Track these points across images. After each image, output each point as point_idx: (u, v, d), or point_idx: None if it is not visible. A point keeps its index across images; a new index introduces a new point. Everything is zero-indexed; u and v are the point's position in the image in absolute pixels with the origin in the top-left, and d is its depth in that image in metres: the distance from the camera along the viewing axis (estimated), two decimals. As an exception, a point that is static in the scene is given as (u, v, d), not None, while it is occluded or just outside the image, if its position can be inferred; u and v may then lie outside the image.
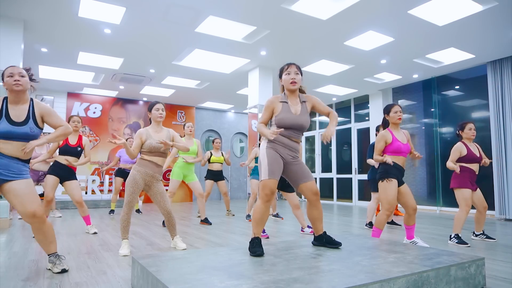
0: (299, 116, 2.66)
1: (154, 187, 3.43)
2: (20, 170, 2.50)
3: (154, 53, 6.77)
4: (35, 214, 2.48)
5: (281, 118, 2.63)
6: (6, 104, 2.50)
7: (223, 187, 6.51)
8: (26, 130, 2.48)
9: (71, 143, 4.39)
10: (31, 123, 2.53)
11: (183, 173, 5.33)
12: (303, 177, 2.68)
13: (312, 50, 6.61)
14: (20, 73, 2.53)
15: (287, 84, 2.70)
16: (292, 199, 4.62)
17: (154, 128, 3.45)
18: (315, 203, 2.73)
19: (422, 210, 8.03)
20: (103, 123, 9.98)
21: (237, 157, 12.34)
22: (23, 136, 2.47)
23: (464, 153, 3.97)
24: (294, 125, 2.64)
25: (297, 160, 2.71)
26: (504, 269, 2.88)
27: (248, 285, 1.79)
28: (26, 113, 2.53)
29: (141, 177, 3.35)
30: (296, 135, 2.69)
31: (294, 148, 2.69)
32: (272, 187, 2.58)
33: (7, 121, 2.43)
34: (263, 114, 2.70)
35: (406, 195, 3.51)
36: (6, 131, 2.41)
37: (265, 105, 2.70)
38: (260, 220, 2.61)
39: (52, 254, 2.70)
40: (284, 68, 2.74)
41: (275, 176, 2.59)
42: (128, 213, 3.34)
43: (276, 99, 2.70)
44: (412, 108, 8.87)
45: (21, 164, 2.51)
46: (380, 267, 2.12)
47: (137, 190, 3.34)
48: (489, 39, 5.96)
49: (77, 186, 4.43)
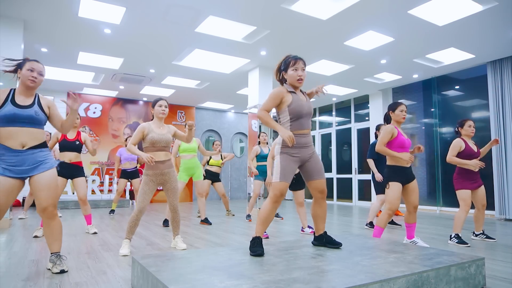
0: (307, 103, 2.70)
1: (168, 183, 3.46)
2: (36, 160, 2.53)
3: (154, 53, 6.78)
4: (46, 209, 2.56)
5: (294, 107, 2.60)
6: (13, 93, 2.55)
7: (220, 188, 6.52)
8: (31, 112, 2.52)
9: (69, 137, 4.41)
10: (36, 107, 2.57)
11: (189, 174, 5.39)
12: (314, 174, 2.68)
13: (312, 50, 6.61)
14: (40, 72, 2.61)
15: (293, 80, 2.65)
16: (298, 196, 4.67)
17: (156, 124, 3.47)
18: (320, 201, 2.74)
19: (422, 210, 8.03)
20: (103, 123, 9.98)
21: (237, 157, 12.34)
22: (28, 118, 2.50)
23: (463, 148, 4.00)
24: (306, 113, 2.65)
25: (313, 155, 2.70)
26: (504, 269, 2.88)
27: (248, 285, 1.79)
28: (31, 100, 2.59)
29: (151, 180, 3.37)
30: (307, 124, 2.69)
31: (308, 143, 2.69)
32: (282, 190, 2.59)
33: (12, 105, 2.48)
34: (269, 102, 2.62)
35: (411, 192, 3.52)
36: (12, 113, 2.44)
37: (272, 94, 2.63)
38: (266, 219, 2.61)
39: (54, 253, 2.70)
40: (291, 62, 2.65)
41: (287, 179, 2.60)
42: (138, 214, 3.34)
43: (284, 89, 2.67)
44: (412, 108, 8.87)
45: (36, 152, 2.54)
46: (380, 267, 2.12)
47: (148, 192, 3.36)
48: (489, 39, 5.96)
49: (83, 183, 4.45)
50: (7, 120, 2.44)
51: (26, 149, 2.49)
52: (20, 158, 2.46)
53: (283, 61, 2.72)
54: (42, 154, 2.57)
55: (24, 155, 2.48)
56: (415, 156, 8.65)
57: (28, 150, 2.50)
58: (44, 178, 2.54)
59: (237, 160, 12.26)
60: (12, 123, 2.45)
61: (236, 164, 12.22)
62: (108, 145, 9.93)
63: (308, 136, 2.70)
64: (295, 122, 2.62)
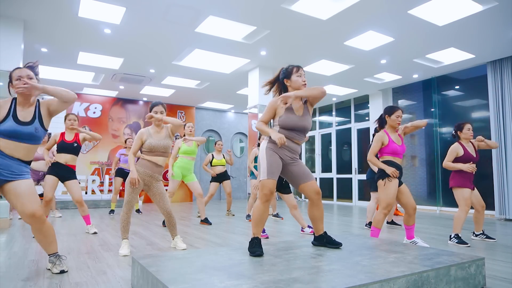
0: (302, 118, 2.68)
1: (154, 187, 3.43)
2: (21, 170, 2.51)
3: (154, 53, 6.78)
4: (34, 214, 2.48)
5: (284, 119, 2.65)
6: (15, 105, 2.52)
7: (228, 187, 6.54)
8: (31, 130, 2.50)
9: (67, 139, 4.40)
10: (37, 123, 2.54)
11: (182, 173, 5.34)
12: (304, 177, 2.69)
13: (312, 50, 6.61)
14: (28, 76, 2.53)
15: (299, 85, 2.70)
16: (289, 200, 4.61)
17: (155, 129, 3.46)
18: (316, 203, 2.73)
19: (422, 210, 8.03)
20: (103, 123, 9.97)
21: (237, 157, 12.35)
22: (28, 136, 2.49)
23: (461, 154, 3.98)
24: (297, 127, 2.66)
25: (296, 161, 2.72)
26: (504, 269, 2.88)
27: (248, 285, 1.79)
28: (32, 114, 2.55)
29: (140, 177, 3.35)
30: (298, 136, 2.70)
31: (294, 149, 2.71)
32: (271, 187, 2.59)
33: (14, 121, 2.46)
34: (265, 114, 2.72)
35: (406, 194, 3.53)
36: (12, 129, 2.43)
37: (268, 105, 2.71)
38: (260, 220, 2.61)
39: (52, 254, 2.70)
40: (294, 70, 2.73)
41: (274, 176, 2.61)
42: (127, 212, 3.34)
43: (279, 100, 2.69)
44: (412, 108, 8.87)
45: (22, 165, 2.52)
46: (380, 267, 2.12)
47: (136, 190, 3.34)
48: (489, 39, 5.96)
49: (77, 186, 4.44)
50: (7, 135, 2.43)
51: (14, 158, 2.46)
52: (3, 162, 2.43)
53: (282, 70, 2.80)
54: (24, 169, 2.53)
55: (9, 161, 2.44)
56: (416, 156, 8.66)
57: (15, 159, 2.47)
58: (22, 184, 2.48)
59: (237, 160, 12.27)
60: (12, 138, 2.44)
61: (236, 164, 12.22)
62: (108, 145, 9.92)
63: (296, 145, 2.71)
64: (285, 131, 2.66)
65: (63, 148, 4.38)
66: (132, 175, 3.27)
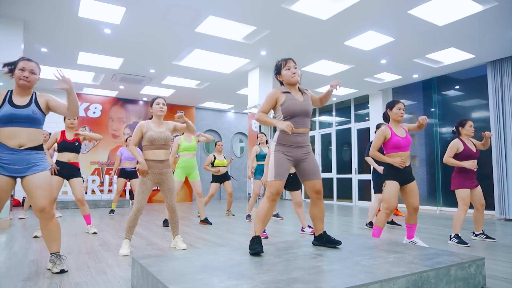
0: (303, 102, 2.70)
1: (164, 183, 3.46)
2: (34, 159, 2.54)
3: (154, 53, 6.78)
4: (44, 209, 2.55)
5: (287, 105, 2.64)
6: (10, 94, 2.57)
7: (229, 187, 6.54)
8: (29, 112, 2.52)
9: (68, 138, 4.40)
10: (34, 106, 2.58)
11: (185, 173, 5.34)
12: (309, 174, 2.70)
13: (312, 50, 6.61)
14: (32, 70, 2.59)
15: (288, 78, 2.72)
16: (295, 196, 4.67)
17: (155, 122, 3.48)
18: (316, 202, 2.75)
19: (422, 210, 8.03)
20: (103, 123, 9.98)
21: (237, 157, 12.34)
22: (26, 118, 2.50)
23: (461, 149, 3.99)
24: (300, 111, 2.65)
25: (308, 156, 2.71)
26: (504, 269, 2.88)
27: (248, 285, 1.79)
28: (28, 100, 2.59)
29: (149, 179, 3.37)
30: (303, 122, 2.67)
31: (304, 143, 2.69)
32: (278, 188, 2.61)
33: (10, 105, 2.49)
34: (264, 104, 2.71)
35: (409, 193, 3.50)
36: (10, 113, 2.46)
37: (267, 96, 2.72)
38: (263, 218, 2.62)
39: (53, 253, 2.70)
40: (282, 64, 2.76)
41: (282, 177, 2.62)
42: (136, 213, 3.34)
43: (278, 90, 2.74)
44: (412, 108, 8.87)
45: (32, 153, 2.54)
46: (380, 267, 2.12)
47: (146, 191, 3.36)
48: (489, 39, 5.96)
49: (81, 184, 4.44)
50: (5, 121, 2.45)
51: (22, 149, 2.49)
52: (15, 157, 2.47)
53: (274, 67, 2.84)
54: (37, 156, 2.57)
55: (19, 154, 2.48)
56: (416, 156, 8.66)
57: (24, 151, 2.50)
58: (37, 178, 2.52)
59: (237, 160, 12.27)
60: (11, 123, 2.46)
61: (236, 164, 12.22)
62: (108, 145, 9.92)
63: (305, 136, 2.70)
64: (289, 120, 2.64)
65: (64, 147, 4.38)
66: (142, 166, 3.29)
